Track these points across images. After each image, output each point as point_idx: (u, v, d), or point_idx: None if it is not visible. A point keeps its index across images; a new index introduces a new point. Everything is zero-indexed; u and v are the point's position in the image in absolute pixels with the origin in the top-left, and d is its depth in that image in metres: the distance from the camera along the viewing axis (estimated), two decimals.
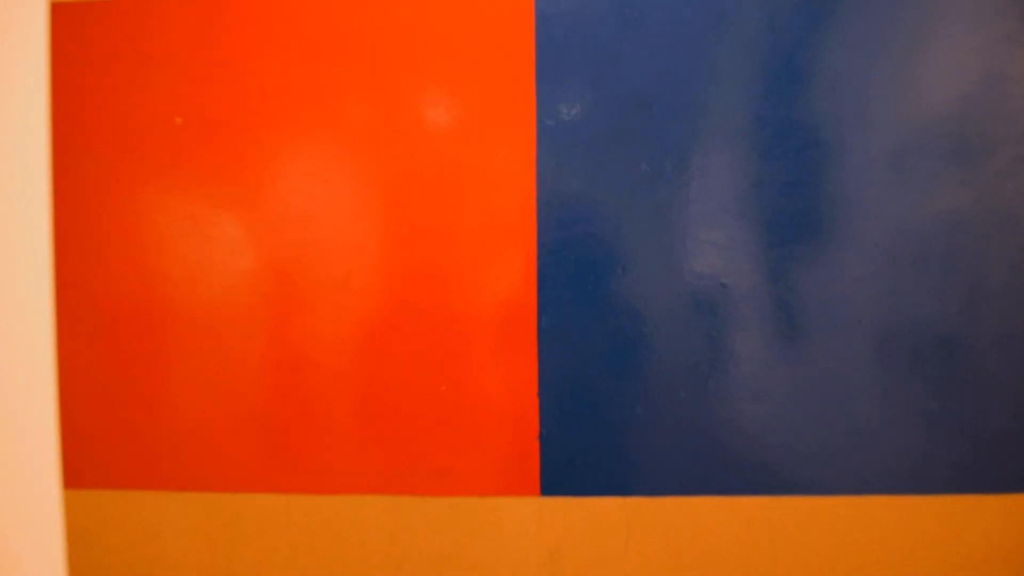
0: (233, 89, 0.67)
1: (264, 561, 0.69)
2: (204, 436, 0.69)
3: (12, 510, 0.71)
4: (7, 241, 0.70)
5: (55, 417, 0.70)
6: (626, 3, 0.63)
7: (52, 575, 0.71)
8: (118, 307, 0.69)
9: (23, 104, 0.69)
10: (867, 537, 0.64)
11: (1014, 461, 0.62)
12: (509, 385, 0.66)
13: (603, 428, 0.66)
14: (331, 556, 0.68)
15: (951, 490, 0.63)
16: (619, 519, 0.66)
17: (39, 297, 0.70)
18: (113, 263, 0.69)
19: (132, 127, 0.68)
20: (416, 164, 0.66)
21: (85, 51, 0.68)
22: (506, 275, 0.65)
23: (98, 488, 0.70)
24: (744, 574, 0.65)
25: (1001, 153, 0.62)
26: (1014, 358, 0.62)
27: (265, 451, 0.69)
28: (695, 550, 0.65)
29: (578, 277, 0.65)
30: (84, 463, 0.70)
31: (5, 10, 0.69)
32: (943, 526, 0.63)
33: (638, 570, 0.66)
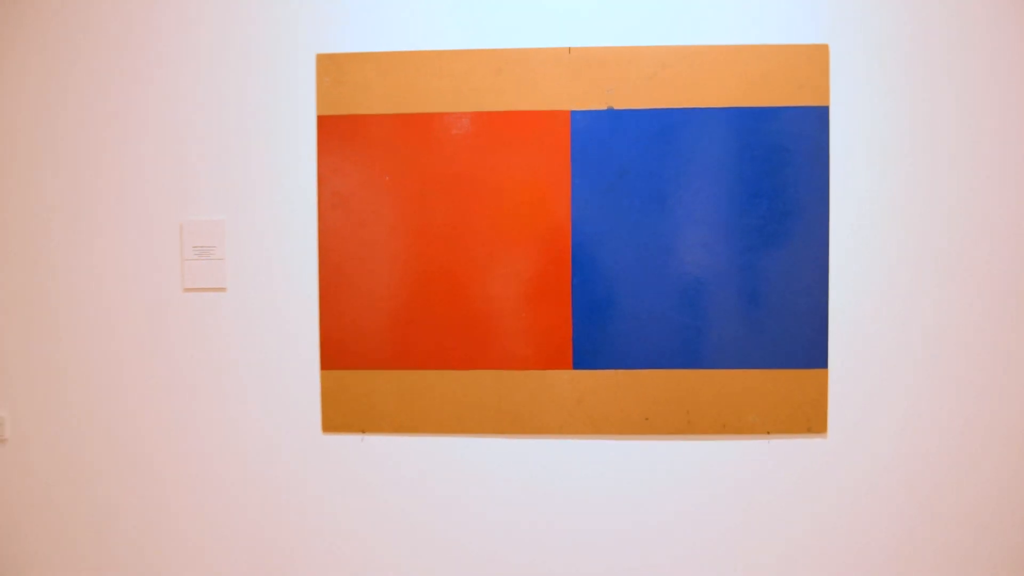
0: (413, 164, 1.32)
1: (428, 410, 1.32)
2: (397, 339, 1.32)
3: (292, 384, 1.35)
4: (293, 245, 1.35)
5: (317, 329, 1.34)
6: (616, 122, 1.28)
7: (312, 423, 1.34)
8: (352, 266, 1.33)
9: (303, 171, 1.35)
10: (739, 389, 1.26)
11: (801, 352, 1.25)
12: (556, 310, 1.29)
13: (607, 333, 1.28)
14: (465, 404, 1.31)
15: (774, 367, 1.25)
16: (615, 381, 1.28)
17: (309, 266, 1.34)
18: (348, 249, 1.33)
19: (360, 180, 1.33)
20: (517, 205, 1.30)
21: (337, 142, 1.34)
22: (554, 253, 1.29)
23: (339, 369, 1.33)
24: (677, 407, 1.27)
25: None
26: (806, 297, 1.25)
27: (431, 346, 1.31)
28: (655, 397, 1.28)
29: (591, 255, 1.28)
30: (332, 354, 1.33)
31: (293, 119, 1.35)
32: (775, 386, 1.25)
33: (624, 407, 1.28)
